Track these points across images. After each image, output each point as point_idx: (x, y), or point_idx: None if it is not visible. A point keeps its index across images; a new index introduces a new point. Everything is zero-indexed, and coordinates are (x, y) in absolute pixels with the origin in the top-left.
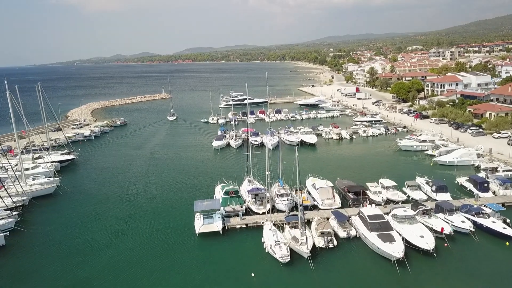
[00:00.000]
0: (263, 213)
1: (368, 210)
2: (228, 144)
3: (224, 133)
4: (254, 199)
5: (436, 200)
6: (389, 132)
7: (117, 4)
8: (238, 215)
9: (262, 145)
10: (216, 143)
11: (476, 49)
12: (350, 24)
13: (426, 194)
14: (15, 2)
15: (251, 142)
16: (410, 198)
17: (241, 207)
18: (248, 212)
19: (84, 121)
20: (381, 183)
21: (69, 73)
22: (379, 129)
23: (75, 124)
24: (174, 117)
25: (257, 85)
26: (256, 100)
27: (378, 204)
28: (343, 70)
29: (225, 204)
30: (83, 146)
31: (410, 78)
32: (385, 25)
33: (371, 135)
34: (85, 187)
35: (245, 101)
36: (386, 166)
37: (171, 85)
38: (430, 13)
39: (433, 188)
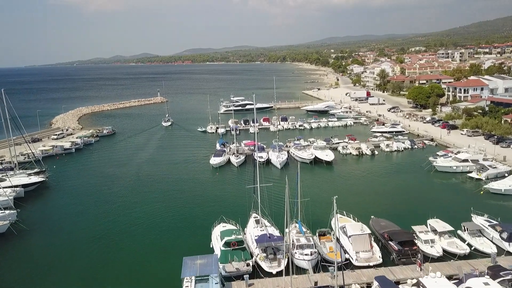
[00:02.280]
0: (278, 272)
1: (433, 282)
2: (229, 161)
3: (224, 146)
4: (264, 252)
5: (510, 252)
6: (416, 147)
7: (117, 5)
8: (243, 278)
9: (268, 162)
10: (214, 161)
11: (487, 50)
12: (350, 25)
13: (492, 242)
14: (15, 2)
15: (255, 159)
16: (473, 248)
17: (247, 265)
18: (257, 270)
19: (67, 130)
20: (430, 226)
21: (66, 74)
22: (403, 142)
23: (56, 134)
24: (169, 123)
25: (259, 88)
26: (259, 105)
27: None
28: (348, 72)
29: (226, 261)
30: (61, 161)
31: (425, 81)
32: (385, 26)
33: (395, 150)
34: (48, 223)
35: (247, 107)
36: (424, 194)
37: (168, 88)
38: (429, 14)
39: (504, 235)
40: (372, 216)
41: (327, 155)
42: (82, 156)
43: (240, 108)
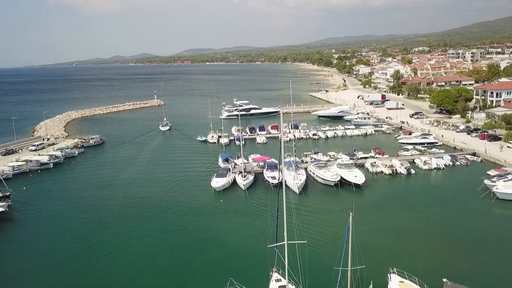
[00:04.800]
0: None
1: None
2: (234, 182)
3: (227, 161)
4: None
5: None
6: (458, 163)
7: (117, 5)
8: None
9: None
10: (217, 183)
11: (499, 50)
12: (349, 26)
13: None
14: (14, 2)
15: (266, 181)
16: None
17: None
18: None
19: (49, 139)
20: None
21: (63, 74)
22: (442, 158)
23: (35, 144)
24: (167, 127)
25: (261, 89)
26: (264, 110)
27: None
28: (355, 73)
29: None
30: (33, 180)
31: (443, 83)
32: (385, 27)
33: (435, 168)
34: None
35: (252, 111)
36: (498, 238)
37: (166, 89)
38: (429, 15)
39: None
40: (445, 280)
41: (356, 176)
42: (61, 172)
43: (244, 113)
